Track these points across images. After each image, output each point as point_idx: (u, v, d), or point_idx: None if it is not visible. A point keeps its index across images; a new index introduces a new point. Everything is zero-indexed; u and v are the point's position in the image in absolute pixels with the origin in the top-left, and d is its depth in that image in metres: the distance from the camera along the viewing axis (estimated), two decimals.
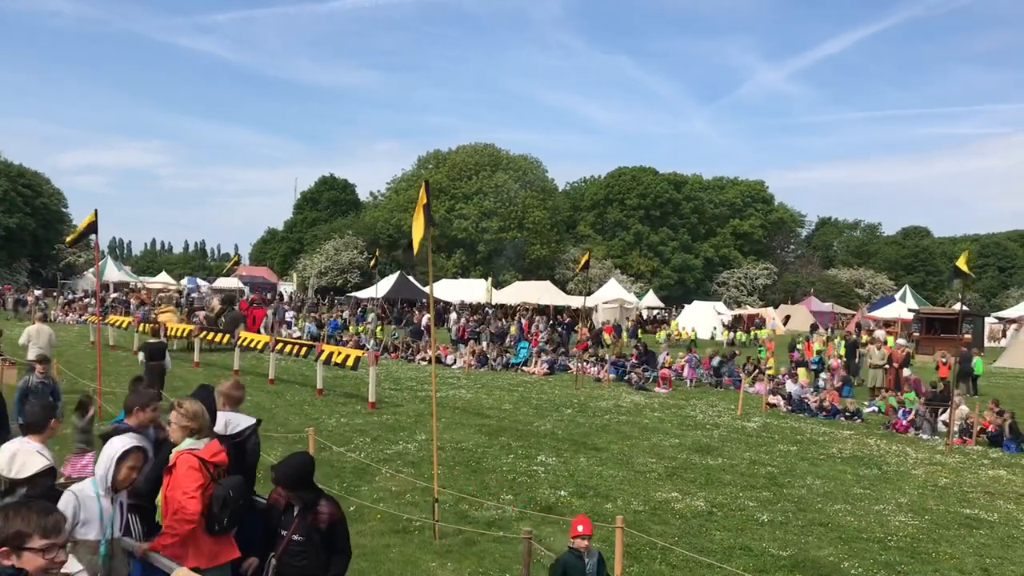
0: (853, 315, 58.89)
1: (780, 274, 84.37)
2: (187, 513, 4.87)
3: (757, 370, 25.56)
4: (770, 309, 59.39)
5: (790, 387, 22.07)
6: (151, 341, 17.65)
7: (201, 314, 30.58)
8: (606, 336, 35.55)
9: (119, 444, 4.68)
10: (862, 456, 14.93)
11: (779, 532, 9.77)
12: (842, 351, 28.47)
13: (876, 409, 20.88)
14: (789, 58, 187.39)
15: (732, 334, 43.27)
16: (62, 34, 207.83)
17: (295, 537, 5.04)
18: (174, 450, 5.26)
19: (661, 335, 38.39)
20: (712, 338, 45.02)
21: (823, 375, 24.53)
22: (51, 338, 16.77)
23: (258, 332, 27.30)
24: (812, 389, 22.18)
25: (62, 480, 6.14)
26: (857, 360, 27.11)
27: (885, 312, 54.53)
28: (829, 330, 48.64)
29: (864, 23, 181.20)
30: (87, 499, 4.51)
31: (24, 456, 5.64)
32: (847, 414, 19.66)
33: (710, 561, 8.18)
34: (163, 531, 5.00)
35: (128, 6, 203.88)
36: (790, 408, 20.61)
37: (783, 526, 10.02)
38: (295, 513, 5.11)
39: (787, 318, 54.86)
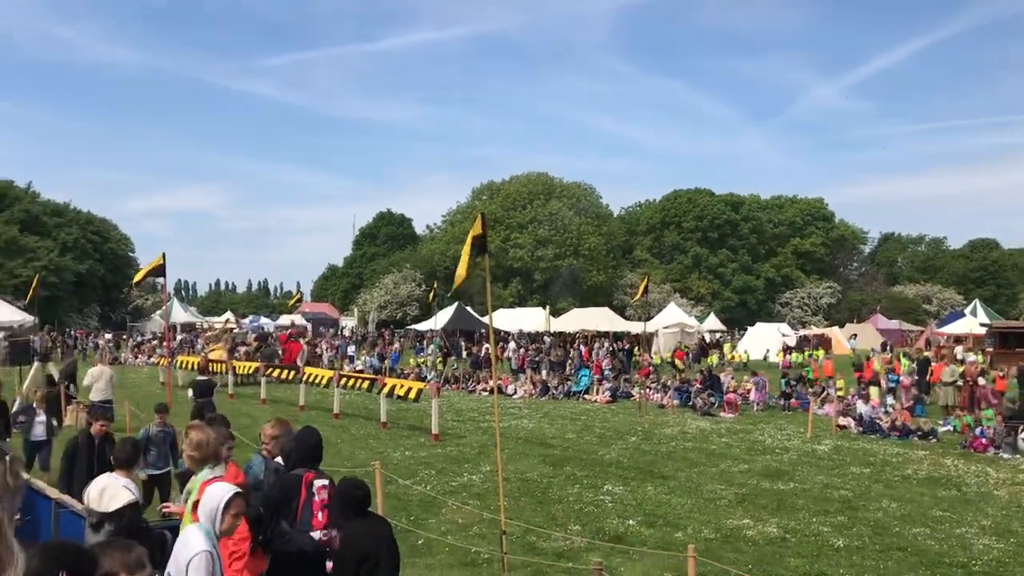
0: (922, 331, 57.41)
1: (844, 292, 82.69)
2: (241, 531, 4.95)
3: (824, 391, 25.04)
4: (836, 328, 58.15)
5: (861, 408, 21.53)
6: (199, 378, 18.08)
7: (243, 350, 31.51)
8: (678, 362, 35.20)
9: (221, 492, 4.64)
10: (939, 477, 14.48)
11: (856, 557, 9.50)
12: (906, 367, 27.75)
13: (951, 428, 20.25)
14: (843, 73, 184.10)
15: (787, 355, 42.20)
16: (125, 84, 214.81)
17: None
18: (199, 480, 5.40)
19: (713, 359, 37.73)
20: (765, 359, 44.19)
21: (889, 397, 23.87)
22: (112, 379, 17.24)
23: (293, 364, 28.03)
24: (883, 410, 21.62)
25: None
26: (927, 377, 26.37)
27: (955, 328, 52.95)
28: (889, 348, 47.32)
29: (919, 34, 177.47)
30: (216, 555, 4.48)
31: (112, 491, 5.83)
32: (920, 434, 19.11)
33: None
34: (228, 559, 5.06)
35: (186, 54, 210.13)
36: (861, 429, 20.11)
37: (860, 551, 9.75)
38: None
39: (853, 337, 53.64)
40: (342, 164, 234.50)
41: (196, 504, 5.14)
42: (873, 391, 23.58)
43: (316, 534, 5.47)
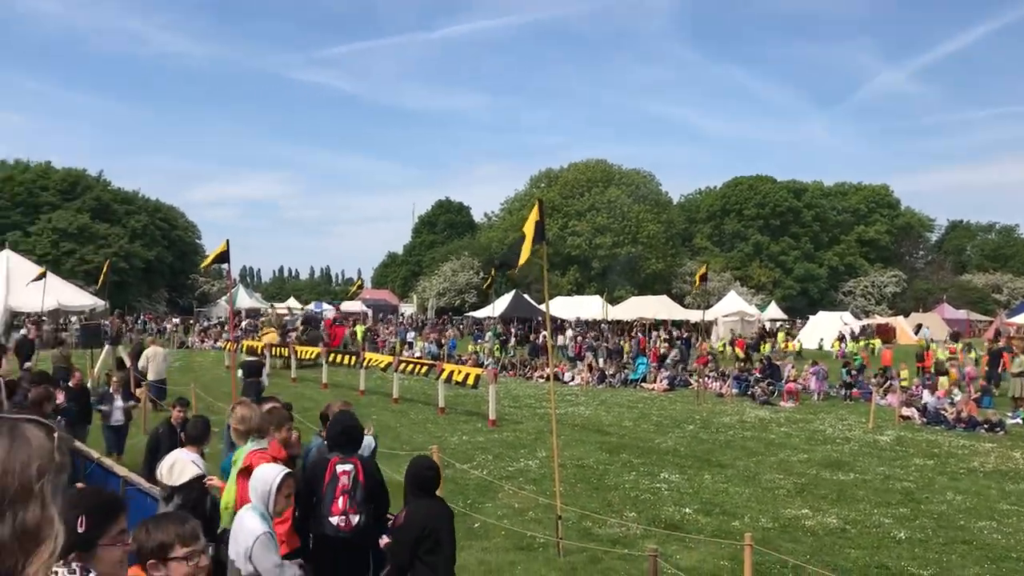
0: (991, 322, 55.83)
1: (910, 281, 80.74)
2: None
3: (888, 381, 24.56)
4: (900, 318, 56.88)
5: (927, 398, 21.07)
6: (248, 359, 18.52)
7: (293, 334, 32.98)
8: (739, 350, 34.88)
9: (272, 473, 4.80)
10: (1007, 470, 14.12)
11: (918, 550, 9.34)
12: (972, 356, 27.07)
13: (1020, 420, 19.72)
14: (911, 57, 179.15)
15: (843, 344, 41.32)
16: (191, 75, 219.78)
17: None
18: (244, 452, 5.57)
19: (766, 348, 37.17)
20: (820, 348, 43.43)
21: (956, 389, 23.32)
22: (165, 357, 17.89)
23: (339, 347, 29.27)
24: (948, 400, 21.12)
25: None
26: (1000, 370, 25.64)
27: None
28: (946, 338, 45.95)
29: (990, 16, 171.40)
30: (273, 534, 4.64)
31: (181, 465, 6.06)
32: (988, 426, 18.64)
33: None
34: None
35: (250, 44, 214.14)
36: (925, 421, 19.70)
37: (923, 544, 9.58)
38: None
39: (918, 327, 52.41)
40: (402, 153, 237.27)
41: (242, 471, 5.35)
42: (943, 380, 23.05)
43: (334, 519, 5.51)
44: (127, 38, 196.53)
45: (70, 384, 12.36)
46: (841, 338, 43.07)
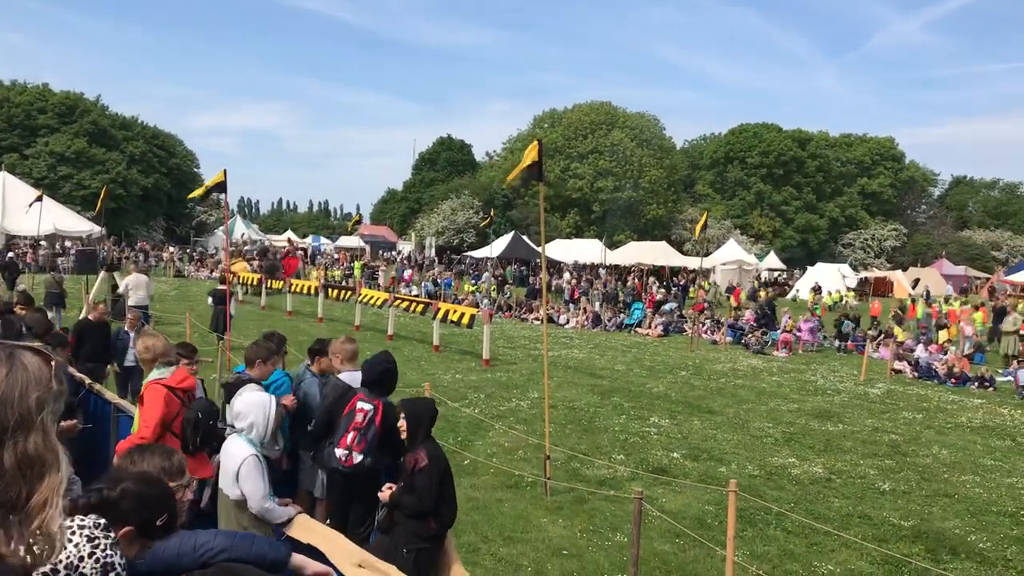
0: (988, 279, 55.91)
1: (910, 235, 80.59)
2: (141, 438, 5.14)
3: (881, 334, 24.66)
4: (899, 272, 56.91)
5: (919, 353, 21.18)
6: (218, 287, 18.63)
7: (254, 263, 34.86)
8: (733, 300, 34.91)
9: (266, 396, 4.85)
10: (993, 426, 14.26)
11: (901, 501, 9.45)
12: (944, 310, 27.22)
13: (1010, 378, 19.85)
14: (926, 6, 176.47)
15: (819, 296, 41.16)
16: (195, 0, 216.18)
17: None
18: (145, 381, 5.71)
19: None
20: (794, 300, 43.52)
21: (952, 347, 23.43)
22: (147, 284, 17.74)
23: (295, 277, 29.74)
24: (941, 356, 21.24)
25: None
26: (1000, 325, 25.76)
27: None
28: (924, 295, 45.95)
29: None
30: (260, 457, 4.68)
31: None
32: (978, 382, 18.76)
33: (827, 528, 7.97)
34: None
35: None
36: (917, 375, 19.82)
37: (905, 495, 9.69)
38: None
39: (916, 281, 52.46)
40: (405, 87, 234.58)
41: (140, 399, 5.55)
42: (943, 333, 23.15)
43: (338, 452, 5.57)
44: None
45: (90, 317, 11.49)
46: (817, 290, 43.02)
